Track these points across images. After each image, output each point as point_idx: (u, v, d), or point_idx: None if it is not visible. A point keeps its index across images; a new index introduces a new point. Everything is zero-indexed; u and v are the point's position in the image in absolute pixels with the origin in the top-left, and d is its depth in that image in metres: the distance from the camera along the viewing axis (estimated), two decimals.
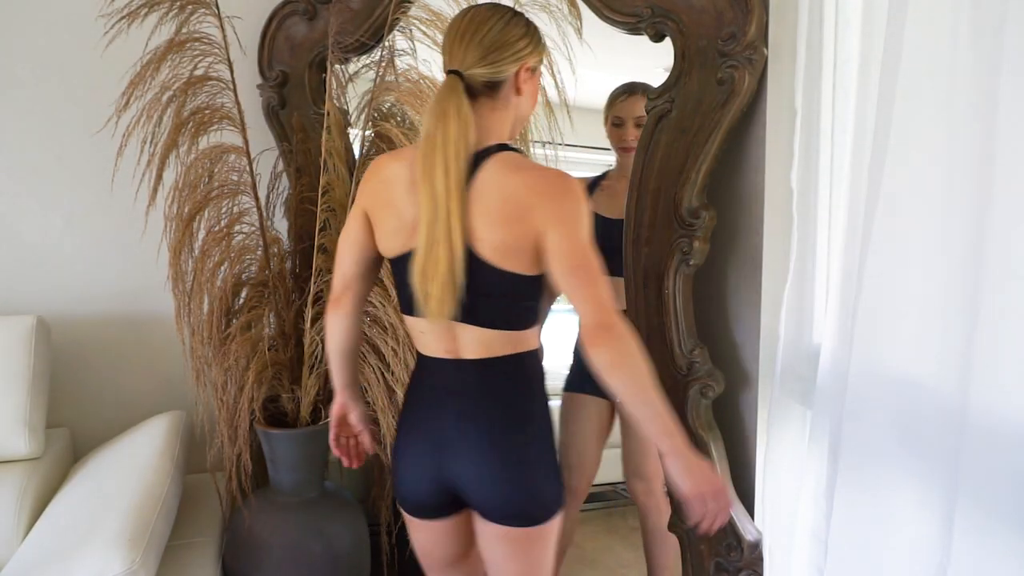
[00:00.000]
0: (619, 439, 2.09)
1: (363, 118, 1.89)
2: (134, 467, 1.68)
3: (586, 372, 2.05)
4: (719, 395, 1.63)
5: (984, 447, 0.91)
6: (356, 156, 1.92)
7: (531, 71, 1.24)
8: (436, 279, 1.15)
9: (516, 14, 1.23)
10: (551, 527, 1.27)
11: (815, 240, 1.40)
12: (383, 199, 1.25)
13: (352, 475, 2.20)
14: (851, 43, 1.30)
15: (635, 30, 1.65)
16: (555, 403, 2.26)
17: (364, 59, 1.99)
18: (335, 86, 1.88)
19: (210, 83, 1.77)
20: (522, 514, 1.24)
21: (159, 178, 1.72)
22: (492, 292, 1.20)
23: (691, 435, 1.64)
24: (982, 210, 0.91)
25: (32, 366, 1.78)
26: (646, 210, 1.65)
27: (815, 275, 1.40)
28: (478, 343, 1.23)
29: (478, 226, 1.16)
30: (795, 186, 1.42)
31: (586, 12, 1.69)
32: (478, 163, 1.17)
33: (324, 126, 1.81)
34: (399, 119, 1.90)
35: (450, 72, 1.18)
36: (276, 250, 1.88)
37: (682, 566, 1.72)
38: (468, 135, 1.15)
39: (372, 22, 1.92)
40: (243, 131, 1.80)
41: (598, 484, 2.20)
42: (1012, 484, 0.88)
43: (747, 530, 1.61)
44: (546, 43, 1.27)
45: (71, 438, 2.03)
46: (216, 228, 1.79)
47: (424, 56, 1.82)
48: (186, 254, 1.75)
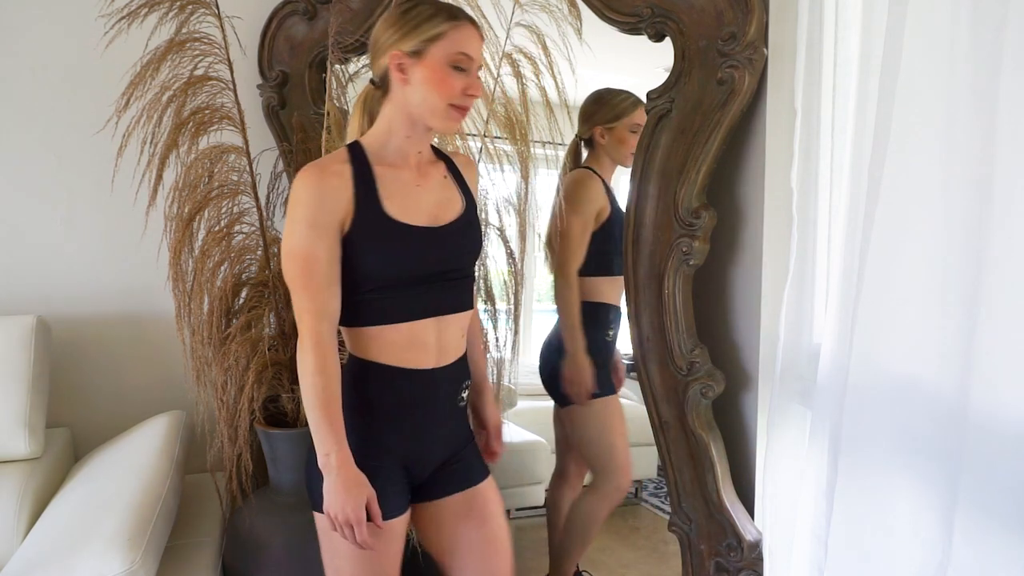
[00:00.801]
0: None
1: None
2: (134, 467, 1.68)
3: (608, 373, 2.04)
4: (719, 395, 1.63)
5: (984, 447, 0.91)
6: None
7: (410, 56, 1.20)
8: None
9: (400, 3, 1.24)
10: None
11: (815, 240, 1.40)
12: None
13: None
14: (851, 43, 1.30)
15: (635, 30, 1.65)
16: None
17: (364, 59, 1.99)
18: (335, 86, 1.88)
19: (210, 83, 1.77)
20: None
21: (159, 178, 1.72)
22: None
23: (691, 435, 1.64)
24: (982, 210, 0.91)
25: (32, 366, 1.78)
26: (646, 210, 1.65)
27: (815, 275, 1.40)
28: None
29: None
30: (795, 186, 1.42)
31: (586, 12, 1.70)
32: None
33: (324, 126, 1.81)
34: None
35: None
36: (276, 250, 1.88)
37: (682, 566, 1.72)
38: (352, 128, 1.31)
39: (372, 22, 1.92)
40: (243, 131, 1.80)
41: None
42: (1012, 484, 0.88)
43: (747, 530, 1.61)
44: (439, 21, 1.20)
45: (71, 438, 2.03)
46: (216, 228, 1.79)
47: None
48: (186, 254, 1.75)
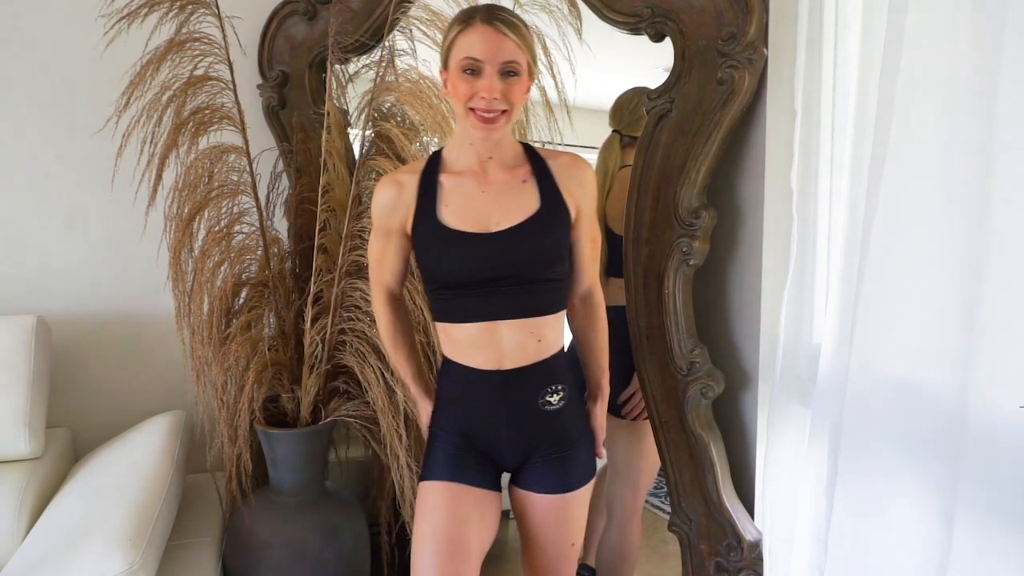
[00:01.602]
0: None
1: (363, 118, 1.89)
2: (134, 467, 1.68)
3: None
4: (719, 395, 1.63)
5: (984, 447, 0.91)
6: (356, 156, 1.92)
7: (445, 70, 1.27)
8: None
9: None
10: None
11: (815, 240, 1.40)
12: None
13: (352, 475, 2.20)
14: (851, 43, 1.30)
15: (635, 30, 1.65)
16: None
17: (364, 59, 1.99)
18: (335, 86, 1.88)
19: (210, 83, 1.77)
20: None
21: (159, 178, 1.72)
22: None
23: (691, 435, 1.64)
24: (982, 210, 0.92)
25: (32, 366, 1.78)
26: (646, 210, 1.65)
27: (815, 275, 1.40)
28: None
29: None
30: (795, 186, 1.42)
31: (586, 12, 1.70)
32: None
33: (324, 126, 1.81)
34: (399, 119, 1.90)
35: None
36: (276, 250, 1.88)
37: (682, 566, 1.72)
38: None
39: (372, 22, 1.92)
40: (243, 131, 1.80)
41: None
42: (1012, 484, 0.88)
43: (747, 530, 1.61)
44: (453, 28, 1.24)
45: (71, 438, 2.03)
46: (216, 228, 1.79)
47: (424, 56, 1.82)
48: (186, 254, 1.75)
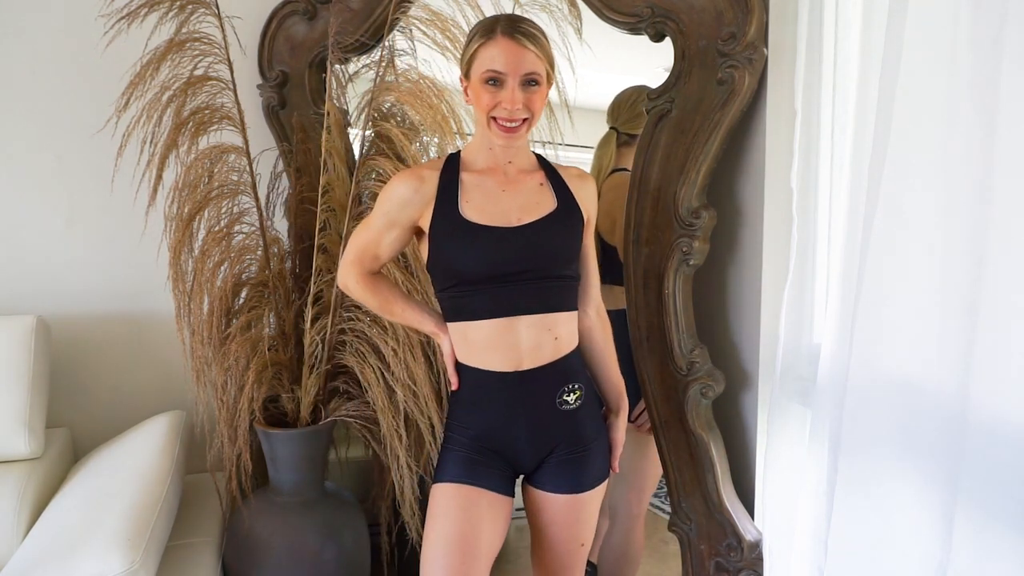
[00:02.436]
0: None
1: (363, 118, 1.89)
2: (134, 467, 1.68)
3: None
4: (719, 395, 1.63)
5: (984, 447, 0.91)
6: (356, 156, 1.92)
7: (466, 79, 1.30)
8: None
9: None
10: None
11: (815, 240, 1.40)
12: None
13: (352, 475, 2.20)
14: (851, 43, 1.30)
15: (635, 30, 1.65)
16: None
17: (364, 59, 1.99)
18: (335, 86, 1.88)
19: (210, 83, 1.77)
20: None
21: (159, 178, 1.72)
22: None
23: (691, 435, 1.64)
24: (982, 210, 0.92)
25: (32, 366, 1.78)
26: (646, 210, 1.65)
27: (815, 275, 1.40)
28: None
29: None
30: (795, 186, 1.42)
31: (586, 12, 1.70)
32: None
33: (324, 126, 1.81)
34: (399, 119, 1.90)
35: None
36: (276, 250, 1.88)
37: (682, 566, 1.72)
38: None
39: (372, 22, 1.92)
40: (243, 131, 1.80)
41: None
42: (1012, 484, 0.88)
43: (747, 530, 1.61)
44: (475, 40, 1.26)
45: (71, 438, 2.03)
46: (216, 228, 1.79)
47: (424, 56, 1.82)
48: (186, 254, 1.75)
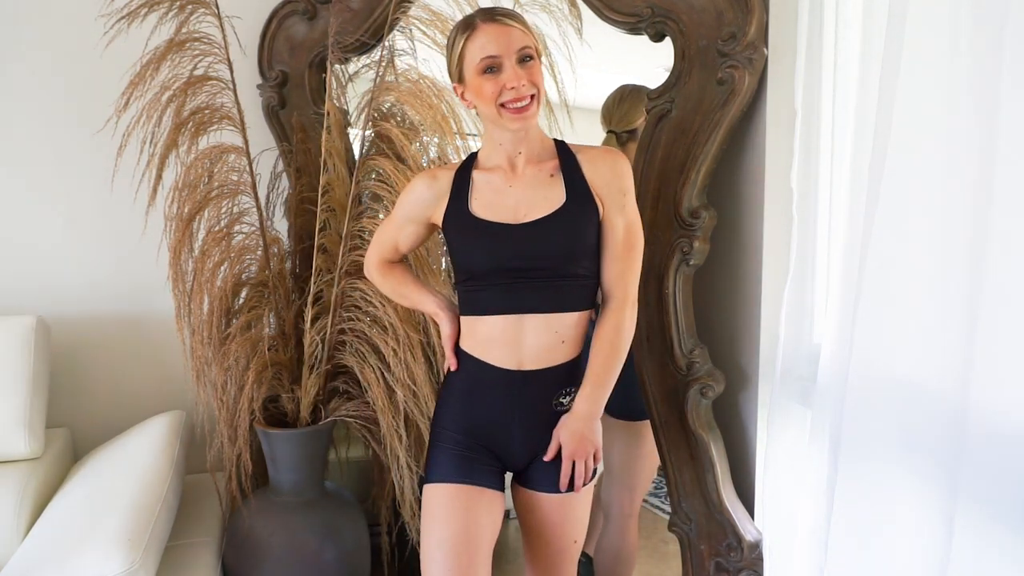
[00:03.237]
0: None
1: (363, 118, 1.89)
2: (134, 467, 1.68)
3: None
4: (719, 395, 1.63)
5: (984, 447, 0.91)
6: (356, 156, 1.92)
7: (460, 84, 1.30)
8: None
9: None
10: None
11: (815, 240, 1.40)
12: None
13: (352, 475, 2.20)
14: (851, 43, 1.30)
15: (635, 30, 1.65)
16: None
17: (364, 59, 1.99)
18: (335, 86, 1.88)
19: (210, 83, 1.77)
20: None
21: (159, 178, 1.72)
22: None
23: (691, 435, 1.64)
24: (982, 210, 0.91)
25: (32, 366, 1.78)
26: (646, 210, 1.65)
27: (815, 275, 1.40)
28: None
29: None
30: (795, 186, 1.42)
31: (586, 12, 1.69)
32: None
33: (324, 126, 1.81)
34: (399, 119, 1.90)
35: None
36: (276, 250, 1.88)
37: (682, 566, 1.72)
38: None
39: (372, 22, 1.92)
40: (243, 131, 1.80)
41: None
42: (1012, 484, 0.88)
43: (747, 530, 1.61)
44: (458, 40, 1.26)
45: (71, 438, 2.03)
46: (216, 228, 1.79)
47: (424, 56, 1.82)
48: (186, 254, 1.75)
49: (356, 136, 1.96)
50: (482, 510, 1.29)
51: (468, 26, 1.24)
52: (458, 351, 1.38)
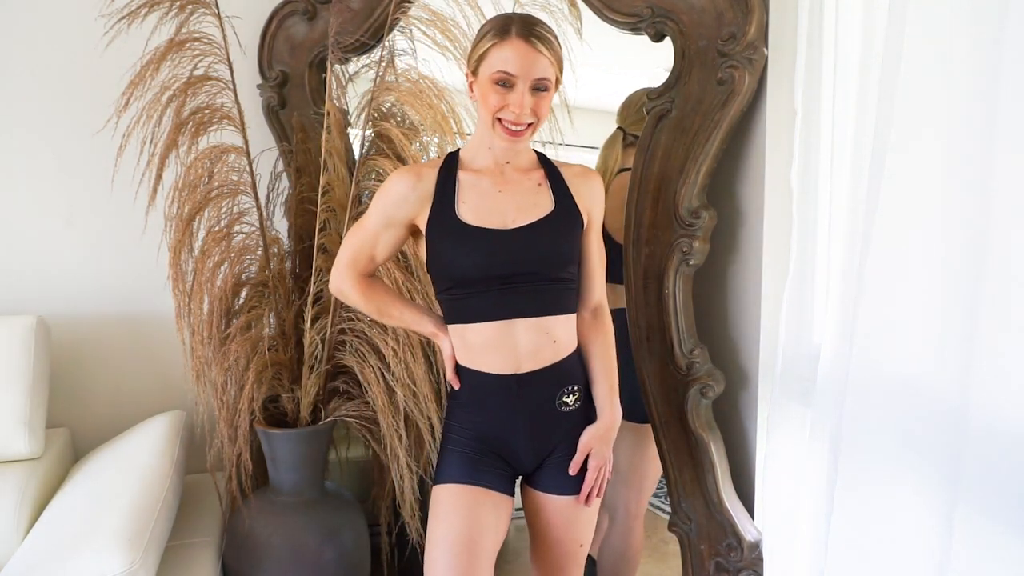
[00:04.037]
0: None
1: (363, 118, 1.89)
2: (134, 467, 1.68)
3: None
4: (719, 395, 1.63)
5: (984, 447, 0.91)
6: (356, 156, 1.92)
7: (473, 75, 1.29)
8: None
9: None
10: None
11: (815, 240, 1.40)
12: None
13: (352, 475, 2.20)
14: (851, 43, 1.30)
15: (635, 30, 1.65)
16: None
17: (364, 59, 1.99)
18: (335, 86, 1.88)
19: (210, 83, 1.77)
20: None
21: (159, 178, 1.72)
22: None
23: (691, 435, 1.64)
24: (982, 210, 0.91)
25: (32, 366, 1.78)
26: (646, 210, 1.65)
27: (815, 275, 1.40)
28: None
29: None
30: (795, 186, 1.42)
31: (586, 12, 1.70)
32: None
33: (324, 126, 1.81)
34: (399, 119, 1.90)
35: None
36: (276, 250, 1.88)
37: (682, 566, 1.72)
38: None
39: (372, 22, 1.92)
40: (243, 131, 1.80)
41: None
42: (1012, 484, 0.88)
43: (747, 530, 1.61)
44: (487, 38, 1.24)
45: (71, 438, 2.03)
46: (216, 228, 1.79)
47: (424, 56, 1.82)
48: (186, 254, 1.75)
49: (356, 136, 1.96)
50: (486, 511, 1.29)
51: (503, 32, 1.22)
52: (457, 368, 1.36)
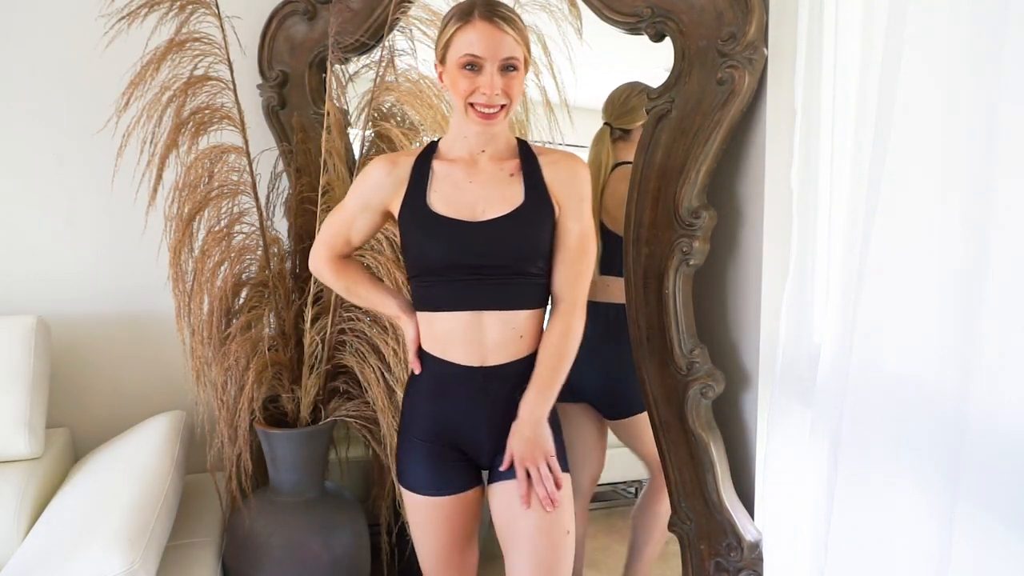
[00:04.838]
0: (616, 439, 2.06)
1: (363, 118, 1.89)
2: (134, 467, 1.68)
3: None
4: (719, 395, 1.63)
5: (984, 447, 0.91)
6: (356, 156, 1.92)
7: (441, 64, 1.28)
8: None
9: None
10: None
11: (815, 240, 1.40)
12: None
13: (352, 475, 2.20)
14: (851, 43, 1.30)
15: (635, 30, 1.65)
16: None
17: (364, 59, 1.99)
18: (335, 86, 1.88)
19: (210, 83, 1.77)
20: None
21: (159, 178, 1.72)
22: None
23: (691, 435, 1.64)
24: (982, 210, 0.91)
25: (32, 366, 1.78)
26: (646, 210, 1.65)
27: (815, 275, 1.40)
28: None
29: None
30: (795, 186, 1.42)
31: (586, 12, 1.69)
32: None
33: (324, 126, 1.81)
34: (399, 119, 1.90)
35: None
36: (276, 250, 1.88)
37: (682, 566, 1.72)
38: None
39: (372, 22, 1.92)
40: (243, 131, 1.80)
41: (599, 484, 2.19)
42: (1012, 484, 0.88)
43: (747, 530, 1.61)
44: (451, 24, 1.24)
45: (71, 438, 2.03)
46: (216, 228, 1.79)
47: (424, 56, 1.82)
48: (186, 254, 1.75)
49: (356, 136, 1.96)
50: (463, 513, 1.35)
51: (465, 15, 1.22)
52: (420, 353, 1.37)
